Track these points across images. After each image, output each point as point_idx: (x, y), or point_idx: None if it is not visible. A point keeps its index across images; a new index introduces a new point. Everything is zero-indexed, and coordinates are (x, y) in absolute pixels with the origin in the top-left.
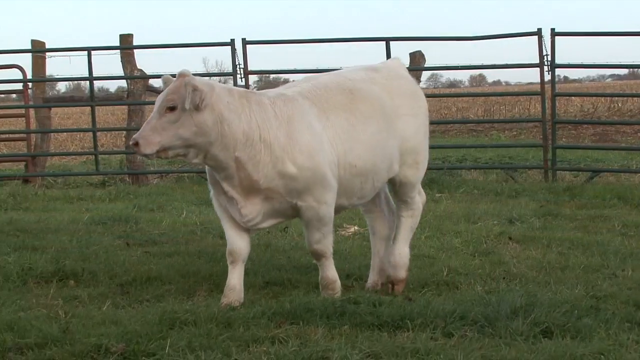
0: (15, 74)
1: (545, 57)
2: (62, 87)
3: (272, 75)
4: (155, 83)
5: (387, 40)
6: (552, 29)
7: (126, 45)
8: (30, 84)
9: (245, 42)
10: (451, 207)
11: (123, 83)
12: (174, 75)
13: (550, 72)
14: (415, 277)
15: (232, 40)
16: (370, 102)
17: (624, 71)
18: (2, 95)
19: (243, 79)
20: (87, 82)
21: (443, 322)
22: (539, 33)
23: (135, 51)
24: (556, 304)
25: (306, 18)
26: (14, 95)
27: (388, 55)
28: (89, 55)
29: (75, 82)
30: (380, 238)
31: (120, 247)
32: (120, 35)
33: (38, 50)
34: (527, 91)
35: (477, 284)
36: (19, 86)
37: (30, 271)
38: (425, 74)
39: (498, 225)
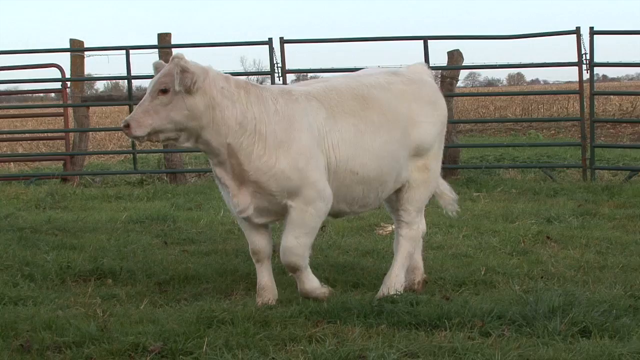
0: (54, 73)
1: (583, 55)
2: (100, 86)
3: (309, 74)
4: None
5: (425, 39)
6: (591, 28)
7: (164, 44)
8: (68, 83)
9: (283, 41)
10: (489, 206)
11: None
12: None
13: (588, 71)
14: (452, 276)
15: (270, 39)
16: (383, 111)
17: None
18: (41, 94)
19: (281, 78)
20: (125, 81)
21: (480, 322)
22: (577, 32)
23: (174, 50)
24: (594, 304)
25: (344, 17)
26: (52, 94)
27: (426, 54)
28: (127, 55)
29: (114, 81)
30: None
31: (158, 246)
32: (159, 35)
33: (77, 49)
34: (566, 90)
35: (514, 283)
36: (58, 85)
37: (68, 270)
38: (463, 73)
39: (536, 225)
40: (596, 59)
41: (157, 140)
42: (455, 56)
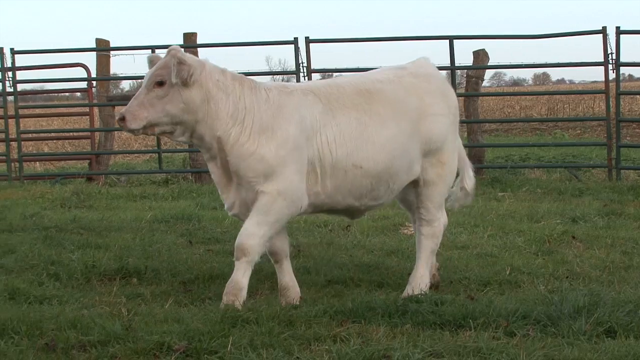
0: (80, 72)
1: (609, 55)
2: (126, 85)
3: (334, 74)
4: None
5: (451, 38)
6: (617, 27)
7: (190, 44)
8: (94, 83)
9: (308, 41)
10: (514, 206)
11: None
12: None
13: (614, 71)
14: (477, 276)
15: (296, 39)
16: (391, 104)
17: None
18: (67, 94)
19: (306, 78)
20: None
21: (505, 321)
22: (603, 31)
23: (199, 50)
24: (620, 304)
25: (369, 16)
26: (78, 94)
27: (452, 54)
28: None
29: (139, 80)
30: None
31: (183, 245)
32: (184, 34)
33: (102, 49)
34: (591, 90)
35: (540, 283)
36: (84, 85)
37: (93, 269)
38: (489, 72)
39: (561, 224)
40: (622, 59)
41: (153, 134)
42: (480, 56)
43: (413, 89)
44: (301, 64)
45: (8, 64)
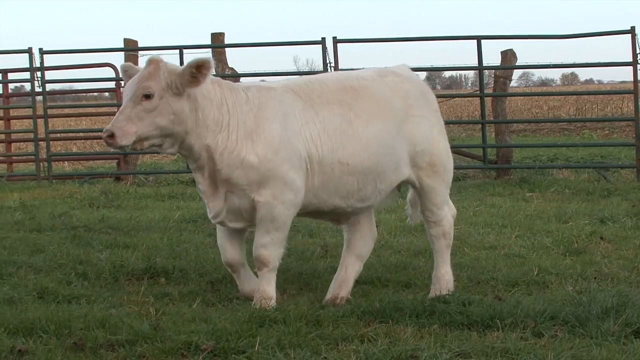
0: (108, 72)
1: (638, 55)
2: None
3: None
4: (245, 81)
5: (479, 38)
6: None
7: (218, 44)
8: (122, 82)
9: (336, 41)
10: (542, 207)
11: None
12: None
13: None
14: (505, 277)
15: (323, 39)
16: (376, 102)
17: None
18: (95, 94)
19: None
20: None
21: (533, 322)
22: (632, 31)
23: (227, 50)
24: None
25: (397, 16)
26: (106, 94)
27: (480, 54)
28: (181, 54)
29: None
30: (355, 255)
31: (211, 245)
32: (212, 34)
33: (131, 48)
34: (620, 90)
35: (568, 284)
36: (112, 84)
37: (121, 268)
38: (517, 72)
39: (589, 225)
40: None
41: (142, 148)
42: (508, 56)
43: (397, 88)
44: (329, 64)
45: (37, 64)
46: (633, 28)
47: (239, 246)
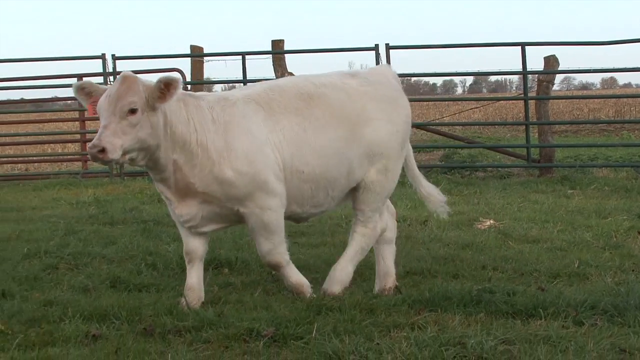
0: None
1: None
2: (218, 89)
3: (413, 78)
4: None
5: (523, 45)
6: None
7: (277, 50)
8: (189, 87)
9: (388, 47)
10: (583, 203)
11: None
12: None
13: None
14: (547, 269)
15: (376, 45)
16: (330, 109)
17: None
18: None
19: None
20: (241, 84)
21: (574, 311)
22: None
23: (286, 55)
24: None
25: (446, 23)
26: None
27: (524, 60)
28: (244, 60)
29: (231, 84)
30: (385, 242)
31: None
32: (272, 41)
33: (197, 54)
34: None
35: (607, 276)
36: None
37: None
38: (559, 77)
39: (628, 220)
40: None
41: (123, 162)
42: (551, 61)
43: (357, 94)
44: None
45: (109, 69)
46: None
47: (202, 239)
